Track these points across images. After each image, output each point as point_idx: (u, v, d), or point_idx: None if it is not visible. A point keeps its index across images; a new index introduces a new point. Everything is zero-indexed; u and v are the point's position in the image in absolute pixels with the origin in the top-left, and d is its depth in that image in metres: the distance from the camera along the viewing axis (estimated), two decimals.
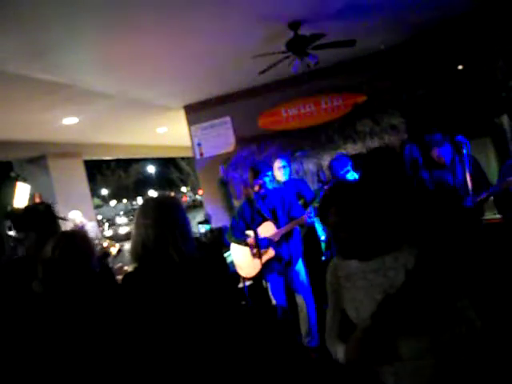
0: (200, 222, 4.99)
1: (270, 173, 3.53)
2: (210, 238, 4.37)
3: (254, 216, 3.50)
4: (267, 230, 3.46)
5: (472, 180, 3.04)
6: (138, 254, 1.54)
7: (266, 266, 3.44)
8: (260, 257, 3.36)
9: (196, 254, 1.57)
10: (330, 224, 1.37)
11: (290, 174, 4.11)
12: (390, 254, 1.32)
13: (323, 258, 3.78)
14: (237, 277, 3.90)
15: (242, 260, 3.60)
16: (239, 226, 3.58)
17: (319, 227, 3.97)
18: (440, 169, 3.23)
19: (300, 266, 3.54)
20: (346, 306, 1.40)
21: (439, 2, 4.18)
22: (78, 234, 1.86)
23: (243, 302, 3.54)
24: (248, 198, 3.62)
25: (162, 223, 1.51)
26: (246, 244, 3.52)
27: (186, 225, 1.58)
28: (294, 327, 3.56)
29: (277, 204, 3.49)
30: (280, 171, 4.01)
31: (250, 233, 3.42)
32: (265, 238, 3.42)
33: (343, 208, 1.32)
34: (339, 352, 1.36)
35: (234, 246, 3.69)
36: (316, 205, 3.39)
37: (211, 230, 4.40)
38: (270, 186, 3.49)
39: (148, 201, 1.65)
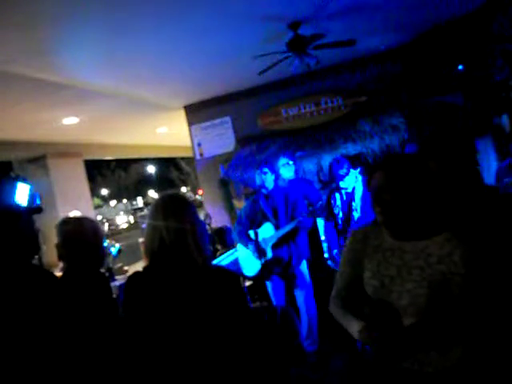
0: None
1: (266, 169, 3.47)
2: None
3: (256, 215, 3.47)
4: (268, 231, 3.44)
5: None
6: (153, 251, 1.46)
7: (266, 267, 3.42)
8: (261, 257, 3.34)
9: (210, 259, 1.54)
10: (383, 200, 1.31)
11: (296, 173, 4.10)
12: (434, 241, 1.29)
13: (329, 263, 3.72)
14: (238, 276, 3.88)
15: (246, 259, 3.58)
16: (243, 225, 3.54)
17: (321, 228, 3.95)
18: None
19: (303, 268, 3.47)
20: (366, 276, 1.36)
21: (439, 3, 4.19)
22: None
23: (262, 303, 3.49)
24: (252, 197, 3.58)
25: (184, 219, 1.45)
26: (247, 245, 3.48)
27: (202, 225, 1.55)
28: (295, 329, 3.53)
29: (280, 204, 3.42)
30: (284, 168, 4.01)
31: (252, 234, 3.40)
32: (264, 240, 3.39)
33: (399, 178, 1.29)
34: (352, 327, 1.33)
35: (240, 246, 3.67)
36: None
37: None
38: (270, 184, 3.46)
39: (165, 197, 1.58)
